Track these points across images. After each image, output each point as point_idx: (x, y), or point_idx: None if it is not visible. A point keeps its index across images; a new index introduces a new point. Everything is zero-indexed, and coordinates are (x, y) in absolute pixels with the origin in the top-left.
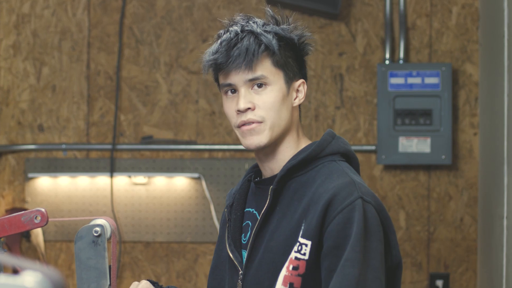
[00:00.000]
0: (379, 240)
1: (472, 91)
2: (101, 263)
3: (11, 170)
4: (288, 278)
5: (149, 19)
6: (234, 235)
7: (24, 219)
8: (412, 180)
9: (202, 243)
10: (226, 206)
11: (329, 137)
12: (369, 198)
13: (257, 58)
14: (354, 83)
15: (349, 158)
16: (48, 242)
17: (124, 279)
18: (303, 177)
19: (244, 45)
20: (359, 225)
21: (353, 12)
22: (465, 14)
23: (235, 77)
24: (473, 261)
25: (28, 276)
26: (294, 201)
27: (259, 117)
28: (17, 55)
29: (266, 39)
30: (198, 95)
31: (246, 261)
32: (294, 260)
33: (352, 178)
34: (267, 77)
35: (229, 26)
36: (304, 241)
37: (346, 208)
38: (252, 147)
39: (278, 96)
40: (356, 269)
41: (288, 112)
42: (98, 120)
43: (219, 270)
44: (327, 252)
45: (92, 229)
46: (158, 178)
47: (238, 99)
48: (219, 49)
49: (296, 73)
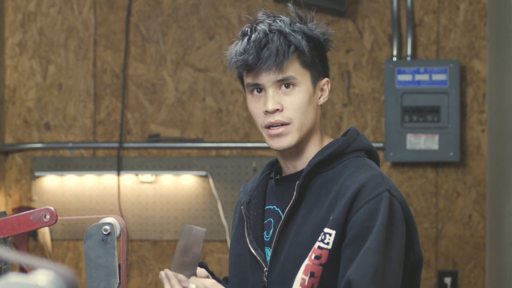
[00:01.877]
0: (401, 235)
1: (480, 88)
2: (111, 261)
3: (18, 168)
4: (309, 267)
5: (155, 17)
6: (255, 233)
7: (33, 217)
8: (420, 177)
9: (210, 241)
10: (242, 203)
11: (354, 134)
12: (395, 193)
13: (287, 59)
14: (362, 80)
15: (371, 155)
16: (55, 241)
17: (132, 277)
18: (329, 172)
19: (274, 46)
20: (384, 216)
21: (360, 9)
22: (473, 10)
23: (264, 77)
24: (481, 258)
25: (41, 275)
26: (320, 196)
27: (286, 119)
28: (23, 54)
29: (296, 39)
30: (205, 93)
31: (271, 258)
32: (317, 250)
33: (380, 172)
34: (295, 78)
35: (255, 23)
36: (328, 231)
37: (373, 199)
38: (281, 149)
39: (305, 96)
40: (375, 258)
41: (313, 112)
42: (104, 118)
43: (241, 268)
44: (349, 241)
45: (101, 228)
46: (165, 176)
47: (266, 100)
48: (248, 49)
49: (321, 72)
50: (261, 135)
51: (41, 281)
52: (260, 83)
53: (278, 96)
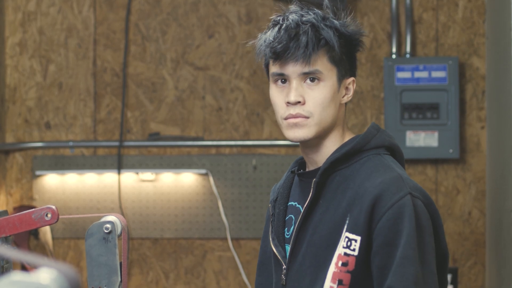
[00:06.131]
0: (430, 235)
1: (479, 85)
2: (112, 260)
3: (19, 168)
4: (337, 275)
5: (155, 16)
6: (277, 230)
7: (35, 216)
8: (420, 174)
9: (210, 239)
10: (270, 201)
11: (374, 130)
12: (417, 193)
13: (315, 53)
14: (361, 77)
15: (394, 152)
16: (56, 239)
17: (133, 275)
18: (347, 170)
19: (304, 37)
20: (411, 221)
21: (359, 7)
22: (472, 7)
23: (290, 68)
24: (481, 255)
25: (43, 273)
26: (337, 194)
27: (307, 112)
28: (24, 53)
29: (327, 34)
30: (205, 91)
31: (290, 256)
32: (343, 256)
33: (399, 173)
34: (322, 73)
35: (287, 13)
36: (353, 237)
37: (396, 204)
38: (296, 140)
39: (329, 92)
40: (413, 267)
41: (335, 109)
42: (105, 117)
43: (266, 266)
44: (378, 249)
45: (102, 226)
46: (166, 175)
47: (289, 91)
48: (278, 37)
49: (347, 70)
50: (279, 127)
51: (44, 279)
52: (285, 74)
53: (301, 89)
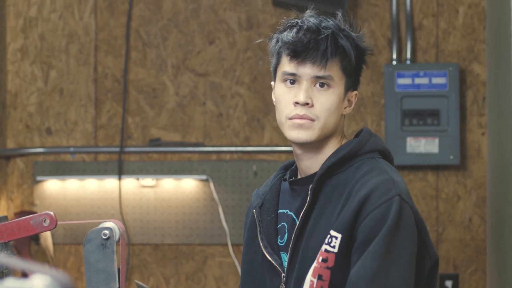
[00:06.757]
0: (410, 241)
1: (480, 91)
2: (110, 266)
3: (20, 173)
4: (317, 270)
5: (156, 22)
6: (269, 238)
7: (33, 222)
8: (420, 180)
9: (211, 245)
10: (254, 207)
11: (367, 135)
12: (407, 198)
13: (332, 59)
14: (361, 83)
15: (386, 156)
16: (57, 245)
17: (133, 281)
18: (342, 174)
19: (324, 41)
20: (392, 221)
21: (360, 13)
22: (472, 13)
23: (304, 69)
24: (482, 261)
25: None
26: (333, 198)
27: (313, 115)
28: (25, 59)
29: (346, 43)
30: (205, 97)
31: (288, 263)
32: (324, 252)
33: (392, 177)
34: (333, 79)
35: (305, 17)
36: (334, 234)
37: (383, 204)
38: (298, 141)
39: (336, 100)
40: (376, 263)
41: (338, 117)
42: (105, 123)
43: (255, 273)
44: (357, 247)
45: (101, 232)
46: (166, 180)
47: (299, 91)
48: (298, 37)
49: (353, 83)
50: (280, 127)
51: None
52: (297, 74)
53: (311, 91)
